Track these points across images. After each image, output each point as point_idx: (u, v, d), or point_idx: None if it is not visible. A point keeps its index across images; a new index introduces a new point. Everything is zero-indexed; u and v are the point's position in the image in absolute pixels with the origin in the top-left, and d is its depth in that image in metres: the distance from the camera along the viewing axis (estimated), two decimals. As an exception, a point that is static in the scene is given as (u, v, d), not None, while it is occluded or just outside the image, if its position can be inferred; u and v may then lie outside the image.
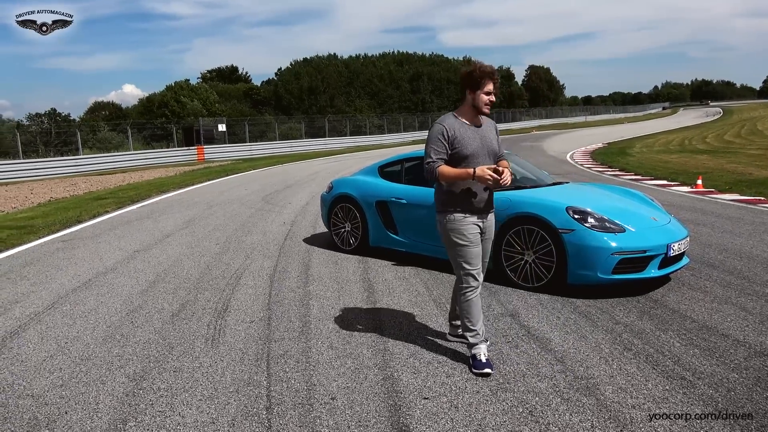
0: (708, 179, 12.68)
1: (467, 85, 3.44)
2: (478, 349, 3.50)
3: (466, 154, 3.43)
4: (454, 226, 3.49)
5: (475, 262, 3.50)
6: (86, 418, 3.02)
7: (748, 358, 3.52)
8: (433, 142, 3.44)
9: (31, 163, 24.72)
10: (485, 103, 3.44)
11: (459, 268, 3.54)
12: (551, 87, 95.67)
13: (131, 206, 11.81)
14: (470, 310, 3.50)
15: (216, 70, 74.57)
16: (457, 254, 3.51)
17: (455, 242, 3.50)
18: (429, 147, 3.45)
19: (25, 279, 5.98)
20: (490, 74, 3.39)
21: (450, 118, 3.51)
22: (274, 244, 7.36)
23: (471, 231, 3.50)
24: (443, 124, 3.46)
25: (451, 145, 3.42)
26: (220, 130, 35.05)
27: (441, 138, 3.42)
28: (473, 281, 3.50)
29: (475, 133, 3.50)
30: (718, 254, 6.09)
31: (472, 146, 3.45)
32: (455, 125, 3.47)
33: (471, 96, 3.45)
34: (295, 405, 3.10)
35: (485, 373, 3.38)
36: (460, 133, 3.44)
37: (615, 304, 4.62)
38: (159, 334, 4.22)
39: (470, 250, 3.49)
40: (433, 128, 3.49)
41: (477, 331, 3.51)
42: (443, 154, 3.42)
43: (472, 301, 3.51)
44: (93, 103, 64.64)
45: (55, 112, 49.65)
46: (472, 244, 3.49)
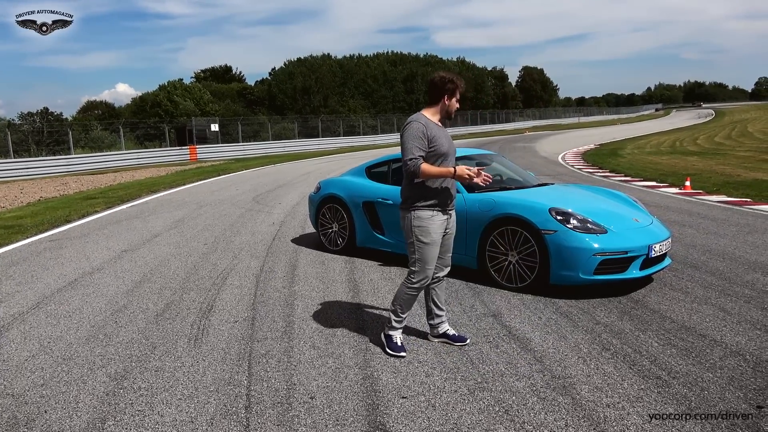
0: (696, 181, 12.77)
1: (445, 92, 3.67)
2: (396, 332, 3.81)
3: (442, 152, 3.62)
4: (422, 224, 3.63)
5: (433, 261, 3.69)
6: (65, 417, 3.04)
7: (723, 358, 3.57)
8: (414, 139, 3.55)
9: (22, 162, 24.59)
10: (455, 109, 3.75)
11: (416, 263, 3.69)
12: (545, 88, 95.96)
13: (121, 206, 11.78)
14: (407, 302, 3.77)
15: (210, 69, 74.43)
16: (419, 251, 3.65)
17: (420, 240, 3.64)
18: (410, 144, 3.55)
19: (11, 279, 5.97)
20: (463, 86, 3.72)
21: (424, 118, 3.66)
22: (263, 244, 7.37)
23: (437, 231, 3.66)
24: (421, 122, 3.61)
25: (429, 142, 3.57)
26: (213, 129, 34.99)
27: (422, 136, 3.56)
28: (424, 280, 3.70)
29: (444, 134, 3.72)
30: (701, 255, 6.16)
31: (446, 146, 3.66)
32: (429, 124, 3.63)
33: (447, 102, 3.69)
34: (274, 404, 3.12)
35: (401, 355, 3.68)
36: (436, 133, 3.62)
37: (597, 304, 4.66)
38: (142, 334, 4.24)
39: (433, 249, 3.66)
40: (411, 126, 3.60)
41: (402, 319, 3.82)
42: (423, 151, 3.56)
43: (413, 296, 3.75)
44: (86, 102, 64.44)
45: (47, 111, 49.36)
46: (435, 243, 3.66)
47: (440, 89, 3.66)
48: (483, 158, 6.50)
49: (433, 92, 3.70)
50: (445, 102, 3.69)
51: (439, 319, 3.94)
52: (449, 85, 3.65)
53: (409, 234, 3.70)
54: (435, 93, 3.69)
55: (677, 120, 70.31)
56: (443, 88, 3.65)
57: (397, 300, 3.79)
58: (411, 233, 3.67)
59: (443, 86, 3.65)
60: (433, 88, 3.69)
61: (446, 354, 3.74)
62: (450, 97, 3.68)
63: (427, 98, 3.76)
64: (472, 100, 71.79)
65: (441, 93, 3.67)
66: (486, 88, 75.99)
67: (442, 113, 3.73)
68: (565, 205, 5.01)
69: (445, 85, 3.65)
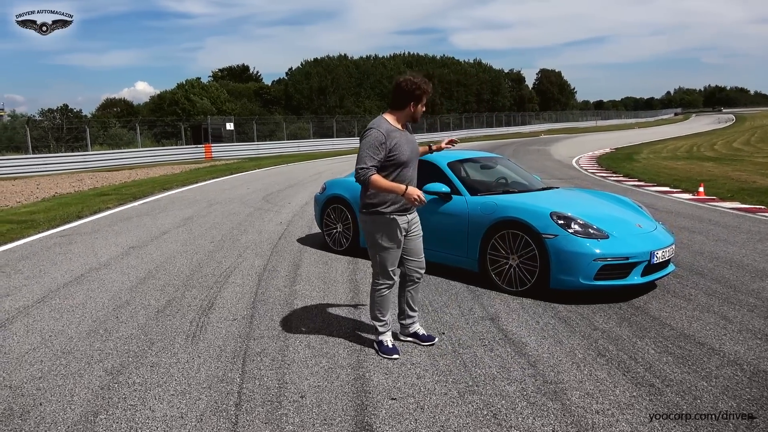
0: (711, 187, 12.61)
1: (411, 98, 3.54)
2: (385, 336, 3.81)
3: (402, 160, 3.53)
4: (384, 229, 3.61)
5: (395, 263, 3.71)
6: (59, 410, 3.09)
7: (719, 367, 3.53)
8: (370, 148, 3.44)
9: (41, 158, 24.98)
10: (421, 114, 3.64)
11: (378, 266, 3.71)
12: (562, 91, 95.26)
13: (133, 203, 11.93)
14: (383, 304, 3.79)
15: (227, 68, 74.95)
16: (380, 255, 3.67)
17: (380, 244, 3.64)
18: (365, 153, 3.44)
19: (20, 273, 6.08)
20: (430, 91, 3.61)
21: (386, 124, 3.54)
22: (268, 243, 7.42)
23: (398, 233, 3.64)
24: (381, 131, 3.47)
25: (389, 152, 3.48)
26: (228, 128, 35.24)
27: (380, 147, 3.45)
28: (389, 280, 3.74)
29: (407, 140, 3.61)
30: (708, 262, 6.08)
31: (407, 153, 3.56)
32: (392, 132, 3.52)
33: (413, 109, 3.59)
34: (264, 402, 3.15)
35: (395, 357, 3.68)
36: (398, 140, 3.52)
37: (596, 310, 4.63)
38: (142, 330, 4.29)
39: (394, 252, 3.67)
40: (370, 134, 3.47)
41: (386, 321, 3.82)
42: (378, 161, 3.46)
43: (385, 297, 3.78)
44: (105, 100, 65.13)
45: (66, 108, 50.08)
46: (396, 247, 3.66)
47: (408, 94, 3.53)
48: (488, 161, 6.49)
49: (400, 96, 3.55)
50: (411, 108, 3.57)
51: (411, 320, 3.97)
52: (417, 91, 3.52)
53: (369, 238, 3.68)
54: (401, 97, 3.55)
55: (696, 125, 69.39)
56: (411, 94, 3.52)
57: (373, 306, 3.82)
58: (371, 237, 3.66)
59: (411, 92, 3.52)
60: (400, 92, 3.54)
61: (439, 356, 3.74)
62: (417, 104, 3.56)
63: (392, 101, 3.61)
64: (488, 102, 71.56)
65: (408, 98, 3.54)
66: (502, 90, 75.64)
67: (407, 119, 3.62)
68: (566, 210, 4.98)
69: (414, 91, 3.52)
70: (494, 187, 5.94)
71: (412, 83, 3.51)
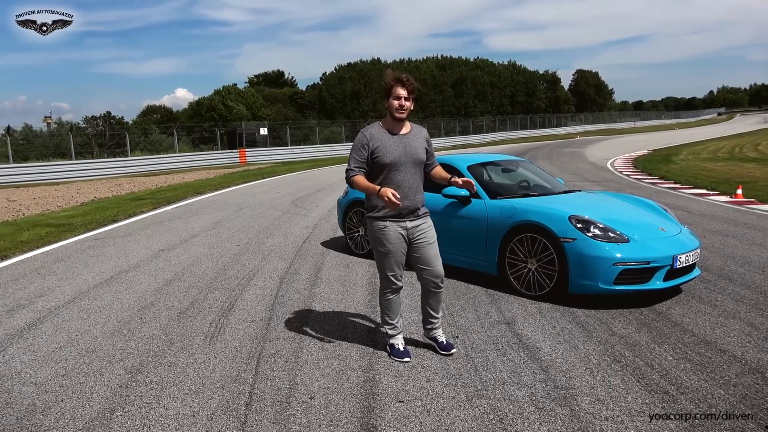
0: (750, 189, 12.19)
1: (384, 94, 3.56)
2: (396, 339, 3.83)
3: (386, 161, 3.55)
4: (375, 234, 3.66)
5: (395, 268, 3.69)
6: (78, 407, 3.21)
7: (739, 375, 3.43)
8: (354, 151, 3.59)
9: (82, 163, 25.90)
10: (396, 108, 3.52)
11: (380, 270, 3.75)
12: (599, 92, 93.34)
13: (166, 207, 12.26)
14: (390, 307, 3.79)
15: (263, 74, 76.19)
16: (378, 259, 3.72)
17: (377, 248, 3.69)
18: (350, 155, 3.60)
19: (54, 274, 6.33)
20: (397, 80, 3.50)
21: (373, 128, 3.64)
22: (293, 246, 7.53)
23: (392, 239, 3.62)
24: (365, 134, 3.59)
25: (372, 153, 3.55)
26: (262, 133, 35.82)
27: (362, 148, 3.56)
28: (392, 285, 3.73)
29: (397, 142, 3.59)
30: (739, 267, 5.89)
31: (393, 154, 3.55)
32: (377, 134, 3.58)
33: (387, 103, 3.56)
34: (274, 402, 3.21)
35: (405, 360, 3.70)
36: (381, 142, 3.56)
37: (616, 315, 4.55)
38: (163, 331, 4.42)
39: (390, 257, 3.65)
40: (357, 137, 3.62)
41: (395, 325, 3.82)
42: (363, 163, 3.57)
43: (392, 300, 3.78)
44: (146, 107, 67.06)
45: (109, 115, 51.82)
46: (392, 252, 3.64)
47: (384, 92, 3.54)
48: (509, 164, 6.44)
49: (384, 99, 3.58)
50: (386, 105, 3.55)
51: (431, 324, 3.90)
52: (385, 86, 3.52)
53: (370, 242, 3.76)
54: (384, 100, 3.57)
55: (740, 125, 67.10)
56: (383, 91, 3.54)
57: (381, 310, 3.86)
58: (371, 242, 3.73)
59: (383, 89, 3.53)
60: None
61: (451, 360, 3.73)
62: (387, 98, 3.53)
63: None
64: (522, 104, 70.73)
65: (385, 96, 3.54)
66: (537, 91, 74.61)
67: (390, 117, 3.59)
68: (586, 213, 4.90)
69: (384, 87, 3.52)
70: (515, 191, 5.89)
71: (384, 79, 3.54)
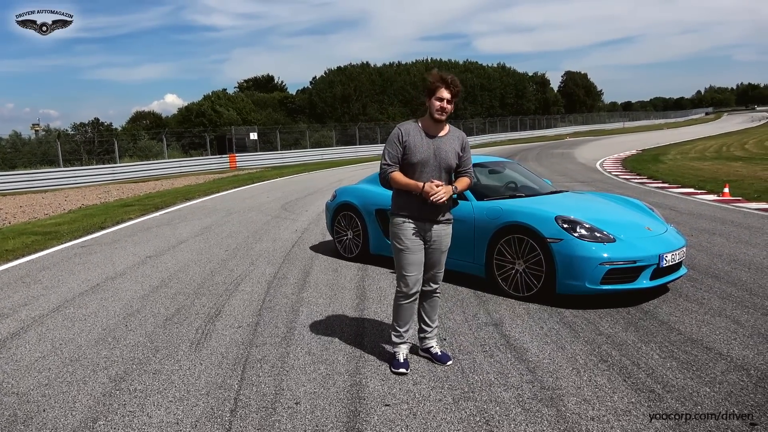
0: (737, 187, 12.29)
1: (426, 92, 3.51)
2: (399, 348, 3.69)
3: (413, 161, 3.49)
4: (395, 230, 3.60)
5: (411, 269, 3.57)
6: (61, 416, 3.17)
7: (725, 372, 3.44)
8: (389, 144, 3.54)
9: (71, 171, 25.70)
10: (437, 109, 3.47)
11: (397, 271, 3.65)
12: (588, 93, 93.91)
13: (155, 213, 12.18)
14: (399, 314, 3.68)
15: (252, 79, 76.14)
16: (396, 257, 3.63)
17: (395, 246, 3.61)
18: (385, 151, 3.56)
19: (39, 283, 6.26)
20: (444, 81, 3.45)
21: (409, 124, 3.60)
22: (282, 251, 7.49)
23: (409, 236, 3.55)
24: (400, 129, 3.55)
25: (403, 150, 3.50)
26: (252, 138, 35.73)
27: (396, 142, 3.51)
28: (404, 288, 3.61)
29: (428, 143, 3.52)
30: (725, 265, 5.93)
31: (421, 155, 3.48)
32: (411, 131, 3.54)
33: (428, 102, 3.50)
34: (259, 409, 3.18)
35: (401, 372, 3.57)
36: (413, 140, 3.50)
37: (604, 314, 4.55)
38: (149, 338, 4.38)
39: (407, 255, 3.56)
40: (392, 132, 3.57)
41: (401, 334, 3.70)
42: (397, 158, 3.51)
43: (402, 306, 3.66)
44: (135, 113, 66.73)
45: (98, 121, 51.56)
46: (409, 250, 3.55)
47: (425, 91, 3.52)
48: (496, 166, 6.45)
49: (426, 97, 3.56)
50: (427, 104, 3.52)
51: (424, 333, 3.81)
52: (430, 85, 3.49)
53: (390, 240, 3.71)
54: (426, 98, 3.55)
55: (728, 124, 67.74)
56: (426, 89, 3.52)
57: (394, 313, 3.73)
58: (391, 239, 3.67)
59: (426, 87, 3.52)
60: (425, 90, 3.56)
61: (435, 363, 3.72)
62: (429, 97, 3.49)
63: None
64: (512, 106, 71.06)
65: (426, 95, 3.52)
66: (527, 93, 74.99)
67: (428, 117, 3.55)
68: (573, 213, 4.91)
69: (428, 86, 3.50)
70: (502, 192, 5.90)
71: (427, 79, 3.52)
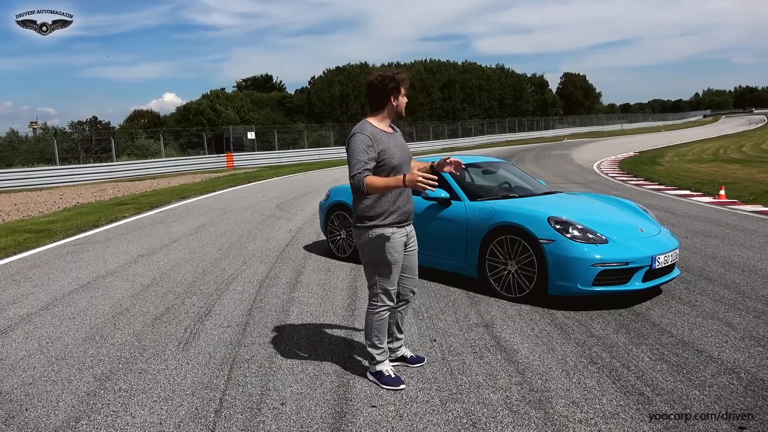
0: (733, 189, 12.28)
1: (390, 93, 3.31)
2: (384, 365, 3.44)
3: (394, 164, 3.28)
4: (381, 243, 3.30)
5: (395, 281, 3.40)
6: (43, 416, 3.13)
7: (715, 375, 3.41)
8: (359, 153, 3.20)
9: (67, 169, 25.59)
10: (404, 106, 3.36)
11: (376, 286, 3.39)
12: (587, 94, 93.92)
13: (149, 212, 12.13)
14: (381, 329, 3.43)
15: (251, 78, 75.98)
16: (378, 272, 3.36)
17: (379, 260, 3.33)
18: (355, 159, 3.20)
19: (29, 281, 6.21)
20: (407, 78, 3.33)
21: (369, 127, 3.30)
22: (275, 250, 7.45)
23: (398, 249, 3.35)
24: (366, 134, 3.25)
25: (378, 156, 3.24)
26: (250, 137, 35.66)
27: (368, 149, 3.21)
28: (389, 301, 3.41)
29: (394, 141, 3.35)
30: (719, 267, 5.91)
31: (398, 156, 3.31)
32: (378, 134, 3.28)
33: (395, 103, 3.33)
34: (244, 409, 3.14)
35: (401, 388, 3.33)
36: (385, 143, 3.27)
37: (595, 316, 4.53)
38: (136, 337, 4.34)
39: (393, 269, 3.35)
40: (355, 138, 3.25)
41: (384, 349, 3.46)
42: (371, 165, 3.21)
43: (385, 320, 3.43)
44: (133, 111, 66.64)
45: (95, 120, 51.44)
46: (396, 263, 3.35)
47: (383, 91, 3.30)
48: (489, 166, 6.42)
49: (376, 96, 3.33)
50: (392, 103, 3.33)
51: (399, 342, 3.68)
52: (391, 83, 3.29)
53: (366, 256, 3.38)
54: (378, 96, 3.33)
55: (725, 126, 67.88)
56: (386, 89, 3.30)
57: (370, 332, 3.44)
58: (369, 253, 3.35)
59: (385, 87, 3.29)
60: (375, 91, 3.32)
61: (427, 364, 3.69)
62: (396, 96, 3.32)
63: (370, 103, 3.38)
64: (511, 107, 71.06)
65: (385, 95, 3.31)
66: (525, 95, 75.01)
67: (391, 116, 3.37)
68: (565, 214, 4.89)
69: (387, 85, 3.29)
70: (495, 192, 5.87)
71: (385, 78, 3.29)
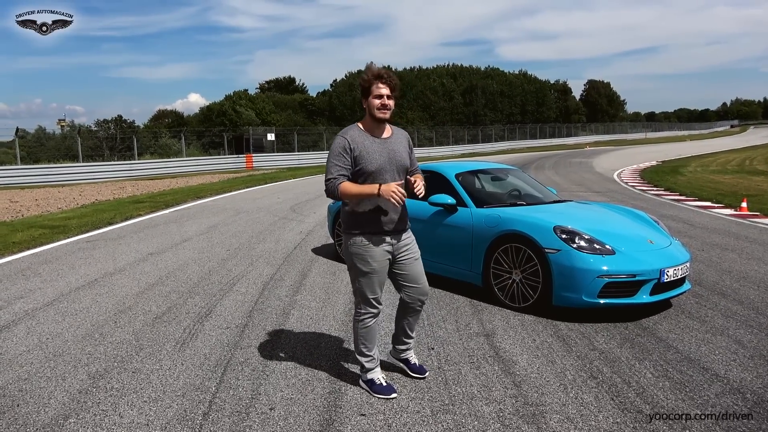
0: (756, 202, 11.97)
1: (362, 94, 3.21)
2: (375, 373, 3.37)
3: (370, 170, 3.15)
4: (358, 251, 3.22)
5: (377, 290, 3.29)
6: (33, 412, 3.14)
7: (719, 395, 3.28)
8: (334, 157, 3.14)
9: (89, 166, 26.03)
10: (378, 108, 3.16)
11: (358, 295, 3.32)
12: (611, 102, 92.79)
13: (164, 210, 12.24)
14: (367, 336, 3.35)
15: (274, 80, 76.64)
16: (358, 281, 3.28)
17: (358, 268, 3.25)
18: (329, 163, 3.15)
19: (38, 276, 6.29)
20: (378, 76, 3.14)
21: (353, 130, 3.22)
22: (283, 252, 7.45)
23: (377, 258, 3.23)
24: (345, 137, 3.17)
25: (354, 160, 3.15)
26: (269, 139, 35.90)
27: (344, 153, 3.13)
28: (372, 309, 3.32)
29: (381, 146, 3.22)
30: (734, 282, 5.73)
31: (378, 161, 3.17)
32: (358, 138, 3.19)
33: (365, 105, 3.21)
34: (232, 413, 3.11)
35: (393, 397, 3.26)
36: (364, 147, 3.17)
37: (600, 329, 4.41)
38: (135, 336, 4.34)
39: (373, 278, 3.25)
40: (333, 142, 3.19)
41: (373, 357, 3.39)
42: (346, 170, 3.14)
43: (371, 328, 3.34)
44: (157, 111, 67.64)
45: (120, 118, 52.32)
46: (376, 273, 3.24)
47: (361, 91, 3.20)
48: (499, 173, 6.33)
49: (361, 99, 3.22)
50: (364, 105, 3.20)
51: (405, 345, 3.59)
52: (362, 86, 3.18)
53: (348, 262, 3.32)
54: (362, 99, 3.22)
55: (753, 137, 66.47)
56: (361, 90, 3.20)
57: (357, 340, 3.38)
58: (349, 261, 3.30)
59: (361, 88, 3.20)
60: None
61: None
62: (366, 96, 3.18)
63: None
64: (533, 113, 70.51)
65: (363, 96, 3.20)
66: (548, 101, 74.35)
67: (370, 119, 3.22)
68: (572, 224, 4.78)
69: (362, 86, 3.18)
70: (504, 199, 5.78)
71: (363, 76, 3.19)
